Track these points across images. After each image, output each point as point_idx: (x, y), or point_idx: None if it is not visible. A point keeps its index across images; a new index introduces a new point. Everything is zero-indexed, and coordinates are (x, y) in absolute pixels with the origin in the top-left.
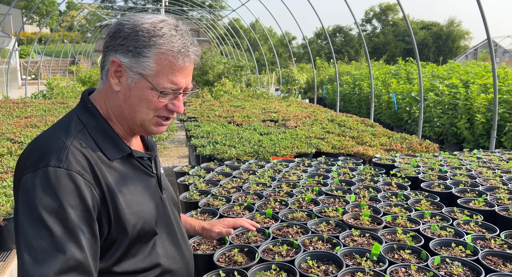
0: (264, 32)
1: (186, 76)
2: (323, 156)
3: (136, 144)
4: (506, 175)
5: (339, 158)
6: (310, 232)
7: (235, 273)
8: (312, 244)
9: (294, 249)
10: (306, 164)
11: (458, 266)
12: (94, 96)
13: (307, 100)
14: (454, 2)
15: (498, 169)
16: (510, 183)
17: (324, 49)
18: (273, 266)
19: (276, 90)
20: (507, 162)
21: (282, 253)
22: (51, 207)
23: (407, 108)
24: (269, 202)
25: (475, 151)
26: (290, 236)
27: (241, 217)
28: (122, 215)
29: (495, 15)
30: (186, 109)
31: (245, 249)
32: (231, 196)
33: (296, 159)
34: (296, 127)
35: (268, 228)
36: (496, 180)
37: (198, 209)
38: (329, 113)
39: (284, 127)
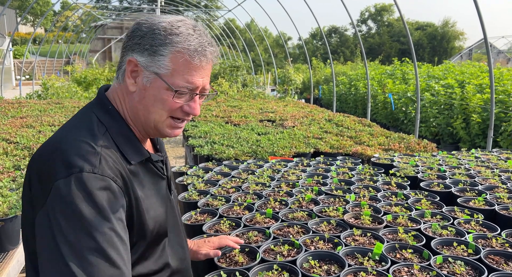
0: (260, 32)
1: (203, 76)
2: (321, 156)
3: (148, 146)
4: (505, 174)
5: (337, 157)
6: (311, 232)
7: (237, 273)
8: (314, 244)
9: (295, 249)
10: (305, 164)
11: (460, 265)
12: (111, 96)
13: (303, 101)
14: (448, 3)
15: (496, 169)
16: (509, 182)
17: (320, 50)
18: (275, 266)
19: (272, 90)
20: (505, 162)
21: (283, 253)
22: (91, 215)
23: (403, 108)
24: (269, 202)
25: (473, 150)
26: (291, 236)
27: (241, 217)
28: (143, 221)
29: (490, 16)
30: None
31: (246, 249)
32: (230, 196)
33: (295, 159)
34: (293, 127)
35: (268, 228)
36: (495, 179)
37: (198, 209)
38: (326, 113)
39: (282, 127)
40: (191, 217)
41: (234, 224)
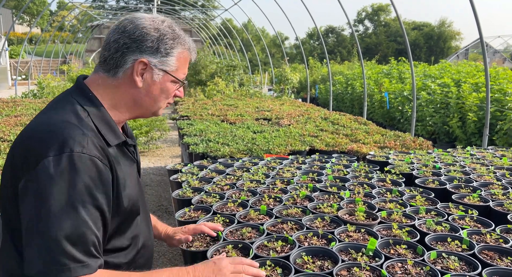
0: (257, 32)
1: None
2: (317, 154)
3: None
4: (500, 171)
5: (333, 155)
6: (305, 228)
7: None
8: (307, 240)
9: (289, 245)
10: (300, 162)
11: (454, 260)
12: (92, 85)
13: (300, 100)
14: (445, 3)
15: (491, 166)
16: (504, 179)
17: (317, 49)
18: (268, 262)
19: (269, 90)
20: (500, 159)
21: (277, 249)
22: (79, 189)
23: (400, 107)
24: (263, 198)
25: (468, 148)
26: (284, 232)
27: (235, 213)
28: (121, 198)
29: (486, 16)
30: (178, 108)
31: (239, 245)
32: (224, 193)
33: (290, 157)
34: (289, 125)
35: (262, 224)
36: (490, 176)
37: (191, 206)
38: (322, 111)
39: (278, 125)
40: (185, 214)
41: (228, 220)
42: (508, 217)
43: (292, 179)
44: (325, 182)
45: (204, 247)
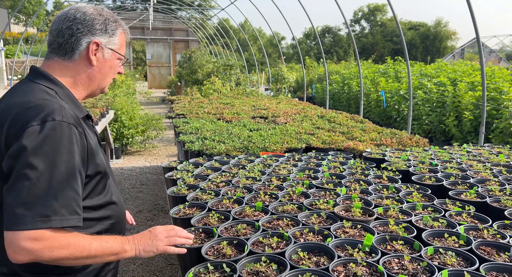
0: (254, 32)
1: None
2: (313, 151)
3: None
4: (497, 168)
5: (329, 153)
6: (301, 224)
7: (224, 265)
8: (303, 236)
9: (284, 241)
10: (296, 159)
11: (451, 256)
12: (51, 71)
13: (296, 99)
14: (441, 3)
15: (488, 162)
16: (500, 176)
17: (313, 49)
18: (263, 258)
19: (266, 89)
20: (497, 156)
21: (272, 245)
22: (62, 153)
23: (396, 106)
24: (259, 195)
25: (465, 145)
26: (280, 228)
27: (230, 210)
28: (95, 161)
29: (481, 16)
30: (174, 106)
31: (234, 242)
32: (220, 190)
33: (286, 154)
34: (286, 123)
35: (258, 221)
36: (486, 172)
37: (186, 203)
38: (318, 109)
39: (274, 124)
40: (180, 211)
41: (223, 217)
42: (505, 213)
43: (288, 176)
44: (321, 179)
45: (198, 244)
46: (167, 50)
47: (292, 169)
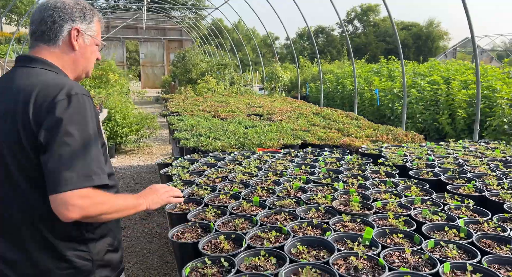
0: (248, 32)
1: None
2: (309, 147)
3: None
4: (493, 163)
5: (325, 149)
6: (299, 218)
7: (222, 259)
8: (302, 230)
9: (283, 235)
10: (293, 155)
11: (453, 249)
12: (44, 56)
13: (291, 98)
14: (433, 4)
15: (484, 157)
16: (498, 170)
17: (307, 49)
18: (262, 252)
19: (260, 89)
20: (493, 151)
21: (270, 239)
22: (89, 121)
23: (390, 105)
24: (256, 190)
25: (460, 141)
26: (278, 223)
27: (227, 205)
28: (100, 131)
29: (473, 16)
30: (169, 104)
31: (232, 236)
32: (216, 186)
33: (282, 150)
34: (281, 120)
35: (255, 215)
36: (483, 167)
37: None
38: (313, 107)
39: (270, 121)
40: (175, 206)
41: (219, 212)
42: (505, 206)
43: (285, 171)
44: (318, 174)
45: (195, 239)
46: (161, 49)
47: (288, 165)
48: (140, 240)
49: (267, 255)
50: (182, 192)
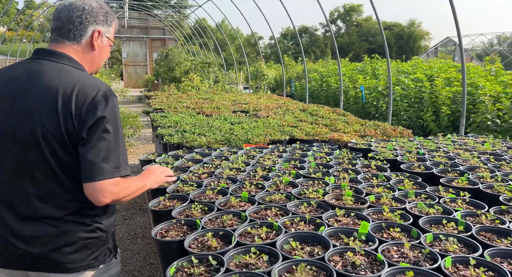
0: (231, 32)
1: None
2: (297, 142)
3: None
4: (484, 156)
5: (313, 144)
6: (291, 213)
7: (210, 258)
8: (294, 225)
9: (274, 231)
10: (281, 150)
11: (453, 242)
12: (68, 53)
13: (276, 95)
14: (413, 4)
15: (475, 151)
16: (489, 163)
17: (291, 49)
18: (253, 249)
19: (245, 88)
20: (482, 145)
21: (261, 235)
22: (120, 121)
23: (374, 103)
24: (244, 186)
25: (449, 135)
26: (269, 218)
27: (214, 201)
28: None
29: (453, 16)
30: (152, 101)
31: (220, 233)
32: (202, 182)
33: (270, 146)
34: (268, 117)
35: (244, 211)
36: (475, 160)
37: (166, 195)
38: (300, 104)
39: (256, 117)
40: (159, 203)
41: (206, 208)
42: (500, 198)
43: (274, 166)
44: (308, 169)
45: (180, 237)
46: (143, 48)
47: (277, 160)
48: (123, 241)
49: (258, 252)
50: (166, 189)
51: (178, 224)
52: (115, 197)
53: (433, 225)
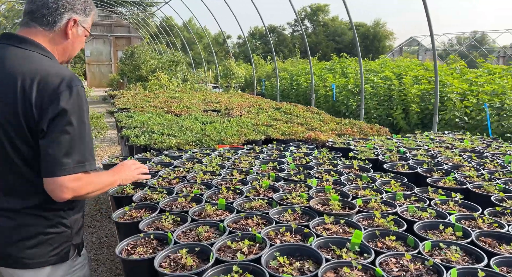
0: (199, 30)
1: None
2: (274, 142)
3: None
4: (466, 154)
5: (290, 144)
6: (274, 222)
7: None
8: (279, 236)
9: (258, 244)
10: (257, 151)
11: (456, 251)
12: (34, 37)
13: (247, 94)
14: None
15: (455, 149)
16: (472, 161)
17: (259, 48)
18: (235, 268)
19: (214, 87)
20: (461, 142)
21: (243, 250)
22: (86, 112)
23: (344, 101)
24: (220, 191)
25: (426, 133)
26: (250, 228)
27: (187, 210)
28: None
29: (416, 16)
30: (116, 101)
31: (196, 249)
32: (173, 188)
33: (245, 147)
34: (241, 115)
35: (222, 221)
36: (457, 158)
37: (132, 204)
38: (273, 102)
39: (228, 116)
40: (125, 214)
41: (179, 219)
42: (492, 199)
43: (251, 169)
44: (288, 171)
45: (150, 254)
46: (108, 47)
47: (254, 162)
48: (87, 250)
49: (241, 271)
50: (132, 197)
51: (146, 238)
52: (76, 193)
53: (428, 231)
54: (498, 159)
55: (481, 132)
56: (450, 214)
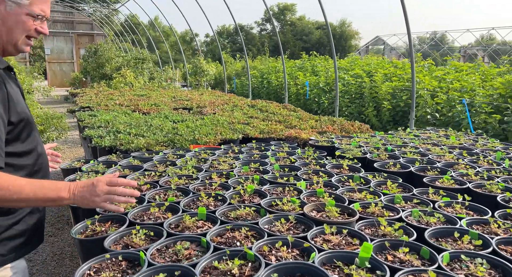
0: (165, 29)
1: (49, 7)
2: (253, 142)
3: None
4: (455, 151)
5: (270, 142)
6: (266, 234)
7: None
8: (274, 252)
9: (250, 263)
10: (236, 151)
11: (481, 264)
12: None
13: (219, 91)
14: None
15: (443, 145)
16: (465, 158)
17: (227, 47)
18: None
19: (183, 86)
20: (447, 138)
21: (233, 272)
22: None
23: (316, 99)
24: (199, 198)
25: (408, 130)
26: (238, 243)
27: (162, 222)
28: (16, 110)
29: (382, 15)
30: (78, 99)
31: (176, 273)
32: (144, 195)
33: (222, 146)
34: (214, 113)
35: (204, 234)
36: (449, 156)
37: (96, 217)
38: (247, 100)
39: (201, 114)
40: (87, 228)
41: (152, 233)
42: (498, 199)
43: (232, 171)
44: (272, 173)
45: None
46: (69, 44)
47: (234, 163)
48: (47, 263)
49: None
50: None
51: (114, 259)
52: None
53: (440, 239)
54: (490, 156)
55: (453, 128)
56: (459, 218)
